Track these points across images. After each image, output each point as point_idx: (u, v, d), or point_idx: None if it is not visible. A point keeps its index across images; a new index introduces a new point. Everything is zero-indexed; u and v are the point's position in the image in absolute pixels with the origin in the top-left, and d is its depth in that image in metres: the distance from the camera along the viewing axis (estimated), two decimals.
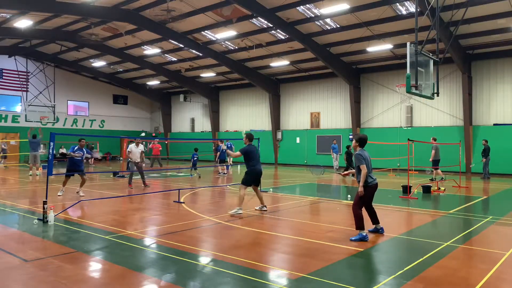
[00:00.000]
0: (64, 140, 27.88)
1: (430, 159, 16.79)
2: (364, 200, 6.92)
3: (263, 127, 30.10)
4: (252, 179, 9.22)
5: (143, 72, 31.56)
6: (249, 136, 9.32)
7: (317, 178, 18.71)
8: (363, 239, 6.61)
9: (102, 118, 35.38)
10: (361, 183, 6.75)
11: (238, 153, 9.30)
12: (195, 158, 18.97)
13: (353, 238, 6.68)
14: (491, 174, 18.95)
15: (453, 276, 4.99)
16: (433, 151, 16.74)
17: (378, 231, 7.16)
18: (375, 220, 7.18)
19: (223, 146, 17.41)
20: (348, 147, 19.90)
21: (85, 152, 11.90)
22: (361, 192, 6.78)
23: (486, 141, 18.31)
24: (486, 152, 18.18)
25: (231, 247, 6.36)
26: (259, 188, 9.68)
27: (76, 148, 11.71)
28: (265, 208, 9.34)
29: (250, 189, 9.51)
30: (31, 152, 18.76)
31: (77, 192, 11.83)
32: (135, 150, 14.20)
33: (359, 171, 6.83)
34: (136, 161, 14.13)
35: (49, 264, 5.35)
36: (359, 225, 6.71)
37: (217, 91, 33.23)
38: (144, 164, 14.60)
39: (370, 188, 6.87)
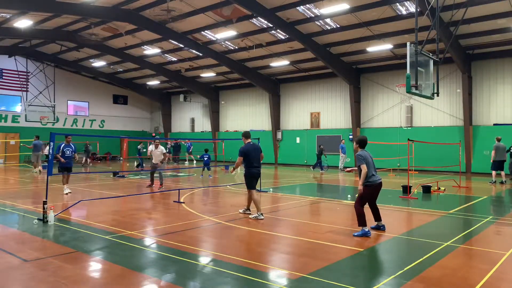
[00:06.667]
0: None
1: (491, 160, 16.20)
2: (365, 199, 7.04)
3: (263, 127, 30.09)
4: (254, 180, 8.78)
5: (143, 72, 31.55)
6: (245, 134, 8.98)
7: (317, 177, 18.68)
8: (365, 234, 6.83)
9: (102, 118, 35.35)
10: (360, 182, 6.93)
11: (239, 158, 8.69)
12: (205, 159, 18.57)
13: (356, 234, 6.92)
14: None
15: (453, 276, 4.99)
16: (493, 152, 16.16)
17: (379, 228, 7.33)
18: (377, 217, 7.36)
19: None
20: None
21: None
22: (360, 191, 6.95)
23: None
24: None
25: (231, 247, 6.36)
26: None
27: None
28: (248, 212, 8.95)
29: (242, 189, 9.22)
30: (34, 152, 19.72)
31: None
32: (156, 152, 13.85)
33: (360, 170, 6.99)
34: (155, 163, 13.90)
35: (49, 264, 5.34)
36: (361, 222, 6.90)
37: (217, 91, 33.22)
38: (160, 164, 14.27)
39: (371, 187, 7.00)
